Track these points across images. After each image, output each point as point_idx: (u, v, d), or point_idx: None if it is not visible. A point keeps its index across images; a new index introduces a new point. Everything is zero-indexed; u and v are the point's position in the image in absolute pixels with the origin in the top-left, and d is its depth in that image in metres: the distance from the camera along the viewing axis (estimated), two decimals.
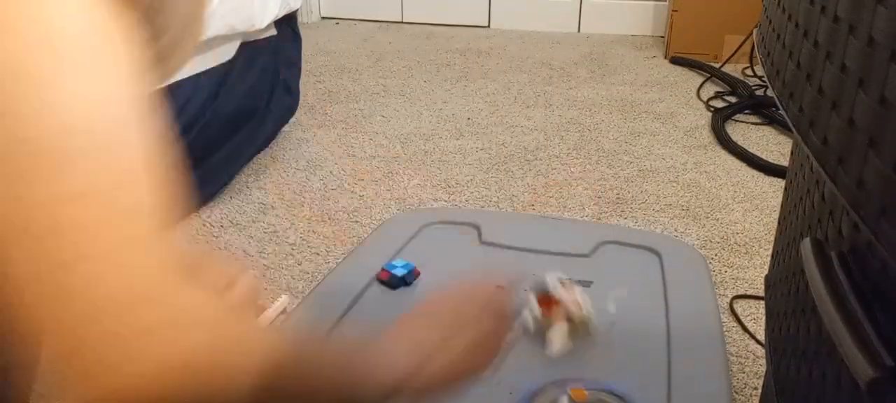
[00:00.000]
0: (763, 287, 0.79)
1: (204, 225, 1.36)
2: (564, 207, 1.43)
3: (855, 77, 0.34)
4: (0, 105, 0.38)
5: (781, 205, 0.68)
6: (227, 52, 1.47)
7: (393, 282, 1.05)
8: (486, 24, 2.85)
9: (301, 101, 1.78)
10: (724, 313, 1.10)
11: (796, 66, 0.44)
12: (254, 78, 1.56)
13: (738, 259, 1.25)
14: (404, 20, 2.91)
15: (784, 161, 1.64)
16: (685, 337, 0.93)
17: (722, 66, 2.28)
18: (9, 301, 0.39)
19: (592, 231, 1.24)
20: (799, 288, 0.52)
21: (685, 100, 2.05)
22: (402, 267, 1.06)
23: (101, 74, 0.41)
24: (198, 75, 1.38)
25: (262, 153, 1.65)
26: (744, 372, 0.98)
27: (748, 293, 1.16)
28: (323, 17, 2.96)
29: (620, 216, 1.40)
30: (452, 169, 1.60)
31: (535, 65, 2.37)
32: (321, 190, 1.50)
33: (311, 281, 1.17)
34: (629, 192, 1.49)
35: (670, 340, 0.93)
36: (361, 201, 1.45)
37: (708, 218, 1.39)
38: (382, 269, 1.07)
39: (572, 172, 1.58)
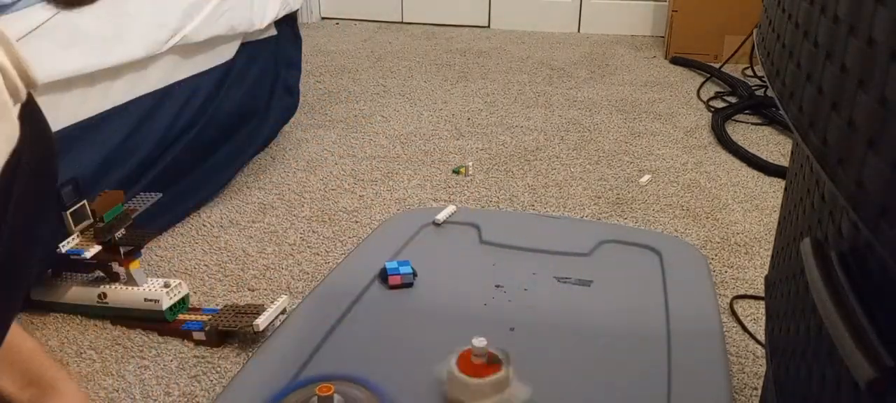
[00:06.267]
0: (763, 287, 0.79)
1: (204, 225, 1.36)
2: (564, 207, 1.43)
3: (855, 77, 0.34)
4: None
5: (781, 205, 0.68)
6: (227, 52, 1.47)
7: (393, 282, 1.05)
8: (486, 25, 2.85)
9: (301, 101, 1.78)
10: (724, 313, 1.10)
11: (796, 66, 0.44)
12: (254, 78, 1.56)
13: (738, 259, 1.25)
14: (404, 20, 2.91)
15: (784, 161, 1.64)
16: (685, 337, 0.93)
17: (722, 66, 2.28)
18: None
19: (592, 230, 1.24)
20: (799, 289, 0.52)
21: (685, 100, 2.05)
22: (402, 267, 1.06)
23: None
24: (198, 75, 1.38)
25: (262, 153, 1.65)
26: (744, 372, 0.98)
27: (748, 293, 1.16)
28: (323, 18, 2.96)
29: (620, 216, 1.40)
30: (452, 169, 1.60)
31: (535, 65, 2.37)
32: (321, 190, 1.50)
33: (311, 281, 1.17)
34: (629, 192, 1.49)
35: (670, 340, 0.93)
36: (361, 201, 1.45)
37: (708, 218, 1.39)
38: (382, 269, 1.07)
39: (572, 172, 1.58)
